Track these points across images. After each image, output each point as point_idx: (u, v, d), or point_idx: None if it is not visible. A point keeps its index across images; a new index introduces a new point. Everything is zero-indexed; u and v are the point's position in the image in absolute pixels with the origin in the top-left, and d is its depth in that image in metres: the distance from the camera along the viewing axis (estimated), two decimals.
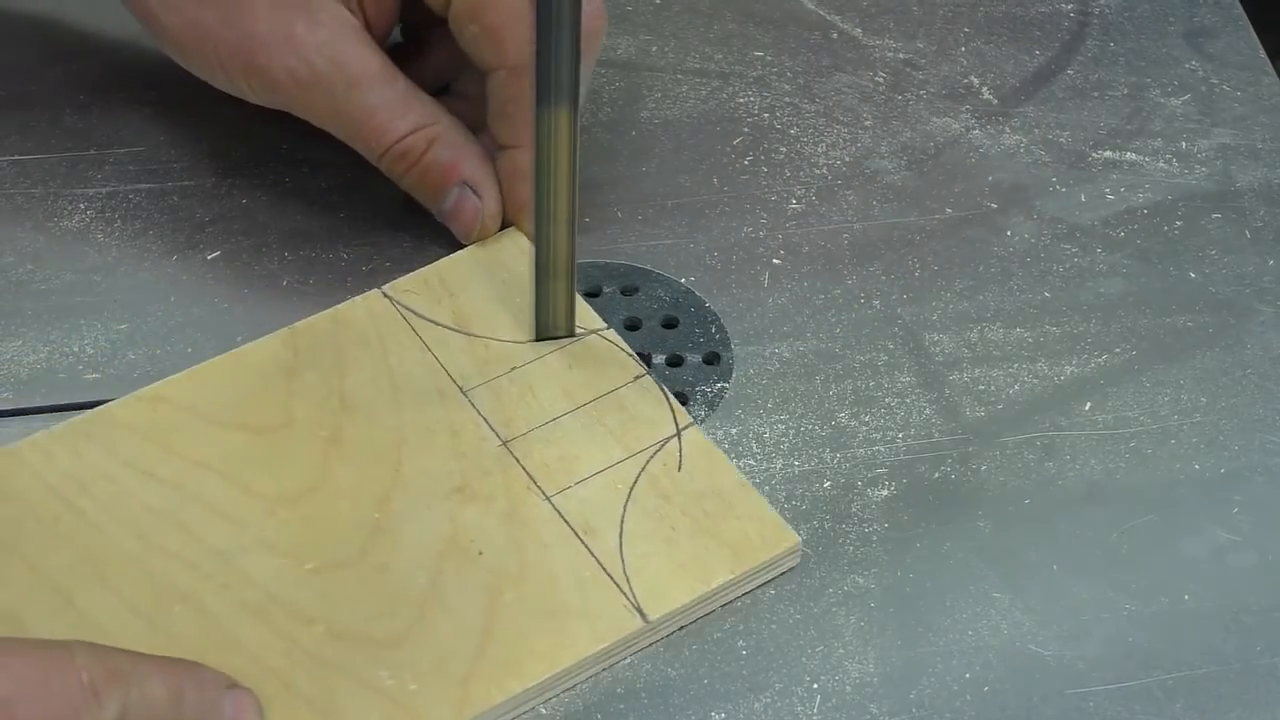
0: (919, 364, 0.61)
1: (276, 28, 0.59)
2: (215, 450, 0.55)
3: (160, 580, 0.51)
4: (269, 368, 0.57)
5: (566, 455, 0.55)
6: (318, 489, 0.54)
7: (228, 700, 0.48)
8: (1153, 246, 0.65)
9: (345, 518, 0.53)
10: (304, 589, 0.51)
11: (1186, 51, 0.73)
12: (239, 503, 0.53)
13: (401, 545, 0.52)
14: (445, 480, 0.54)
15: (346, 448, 0.55)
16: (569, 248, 0.57)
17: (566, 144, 0.55)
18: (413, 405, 0.56)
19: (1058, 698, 0.51)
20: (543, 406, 0.57)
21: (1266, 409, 0.59)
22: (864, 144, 0.69)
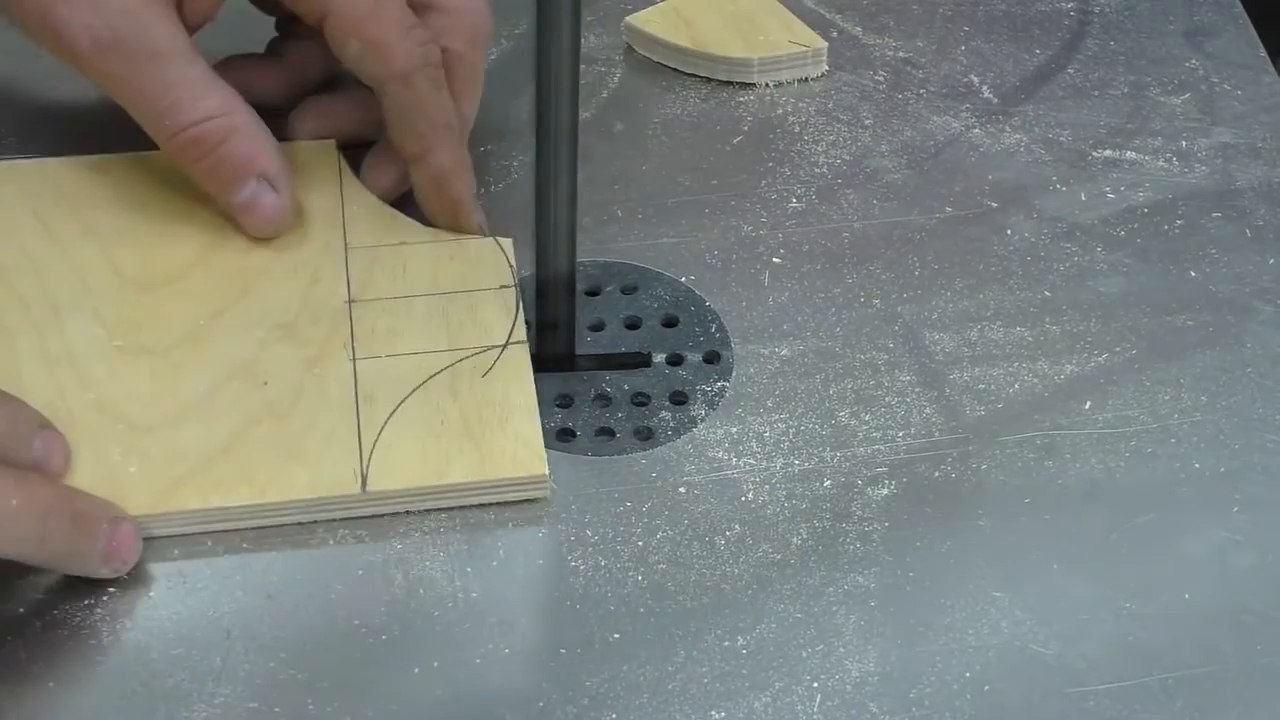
0: (919, 363, 0.61)
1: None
2: (111, 222, 0.61)
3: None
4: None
5: (395, 330, 0.58)
6: (170, 285, 0.59)
7: (38, 437, 0.51)
8: (1153, 245, 0.65)
9: (175, 316, 0.58)
10: (100, 360, 0.56)
11: (1187, 50, 0.73)
12: (98, 271, 0.59)
13: (204, 354, 0.57)
14: (279, 314, 0.58)
15: (215, 259, 0.60)
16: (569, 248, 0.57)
17: (567, 142, 0.55)
18: (296, 242, 0.60)
19: (1058, 697, 0.51)
20: (404, 283, 0.59)
21: (1266, 408, 0.59)
22: (864, 143, 0.69)
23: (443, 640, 0.52)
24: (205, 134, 0.58)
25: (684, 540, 0.55)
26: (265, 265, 0.60)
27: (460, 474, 0.54)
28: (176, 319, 0.58)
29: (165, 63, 0.58)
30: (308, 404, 0.56)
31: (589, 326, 0.62)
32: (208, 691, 0.50)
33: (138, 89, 0.58)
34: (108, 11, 0.57)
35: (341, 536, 0.54)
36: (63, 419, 0.54)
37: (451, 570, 0.53)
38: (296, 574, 0.53)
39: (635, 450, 0.57)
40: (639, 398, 0.59)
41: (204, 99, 0.58)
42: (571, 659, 0.51)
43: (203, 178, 0.60)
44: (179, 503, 0.53)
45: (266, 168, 0.59)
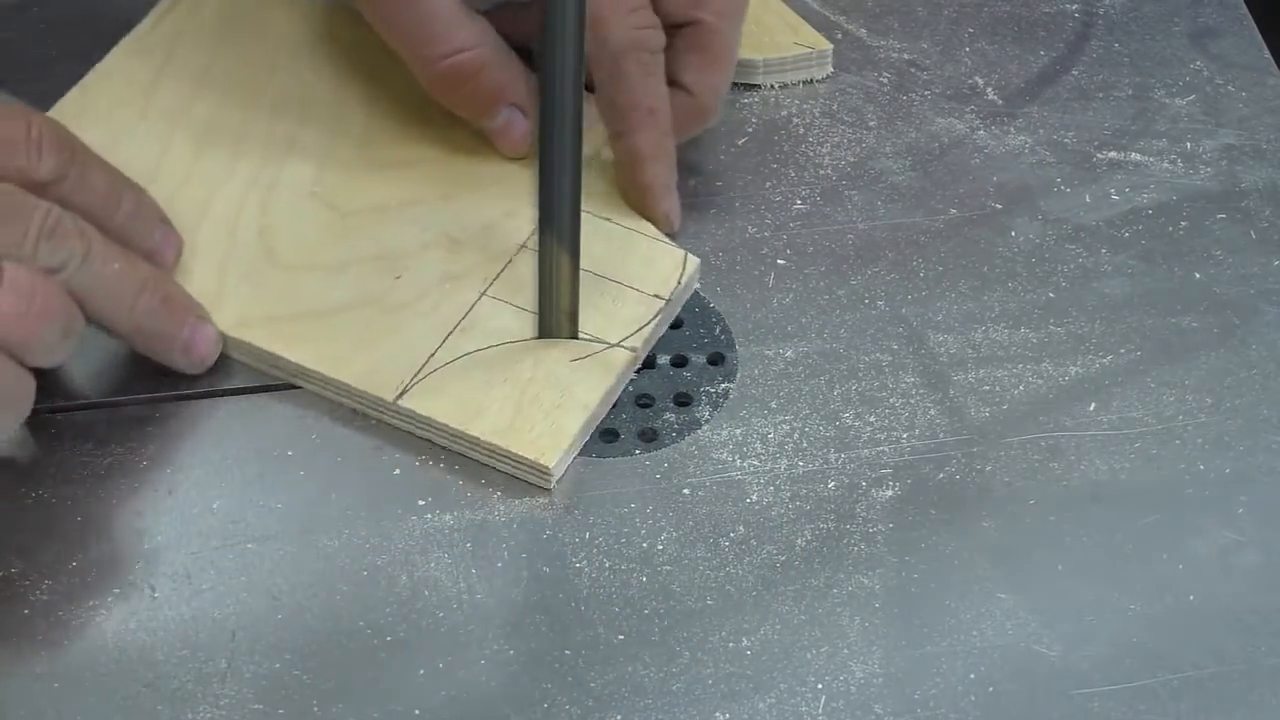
0: (923, 364, 0.61)
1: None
2: (376, 94, 0.65)
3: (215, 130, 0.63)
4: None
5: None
6: (393, 169, 0.63)
7: (158, 230, 0.55)
8: (1157, 247, 0.65)
9: (376, 190, 0.62)
10: (291, 196, 0.61)
11: (1191, 52, 0.73)
12: (347, 135, 0.64)
13: (372, 230, 0.61)
14: (457, 229, 0.61)
15: (444, 159, 0.63)
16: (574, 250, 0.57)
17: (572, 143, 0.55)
18: (516, 174, 0.63)
19: (1062, 698, 0.51)
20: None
21: (1271, 409, 0.59)
22: (869, 144, 0.69)
23: (447, 641, 0.52)
24: (460, 65, 0.60)
25: (688, 542, 0.55)
26: (477, 181, 0.62)
27: (480, 430, 0.56)
28: (375, 193, 0.61)
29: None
30: (417, 310, 0.58)
31: None
32: (212, 693, 0.50)
33: (396, 22, 0.60)
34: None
35: (347, 538, 0.54)
36: (224, 226, 0.60)
37: (456, 572, 0.53)
38: (301, 575, 0.53)
39: (639, 452, 0.57)
40: (643, 399, 0.59)
41: (458, 31, 0.60)
42: (576, 660, 0.51)
43: (458, 105, 0.62)
44: (250, 335, 0.57)
45: (518, 97, 0.61)
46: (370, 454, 0.57)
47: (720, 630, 0.52)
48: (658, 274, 0.61)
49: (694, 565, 0.54)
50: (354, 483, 0.56)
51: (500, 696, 0.51)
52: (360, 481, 0.56)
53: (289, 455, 0.57)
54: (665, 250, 0.62)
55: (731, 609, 0.53)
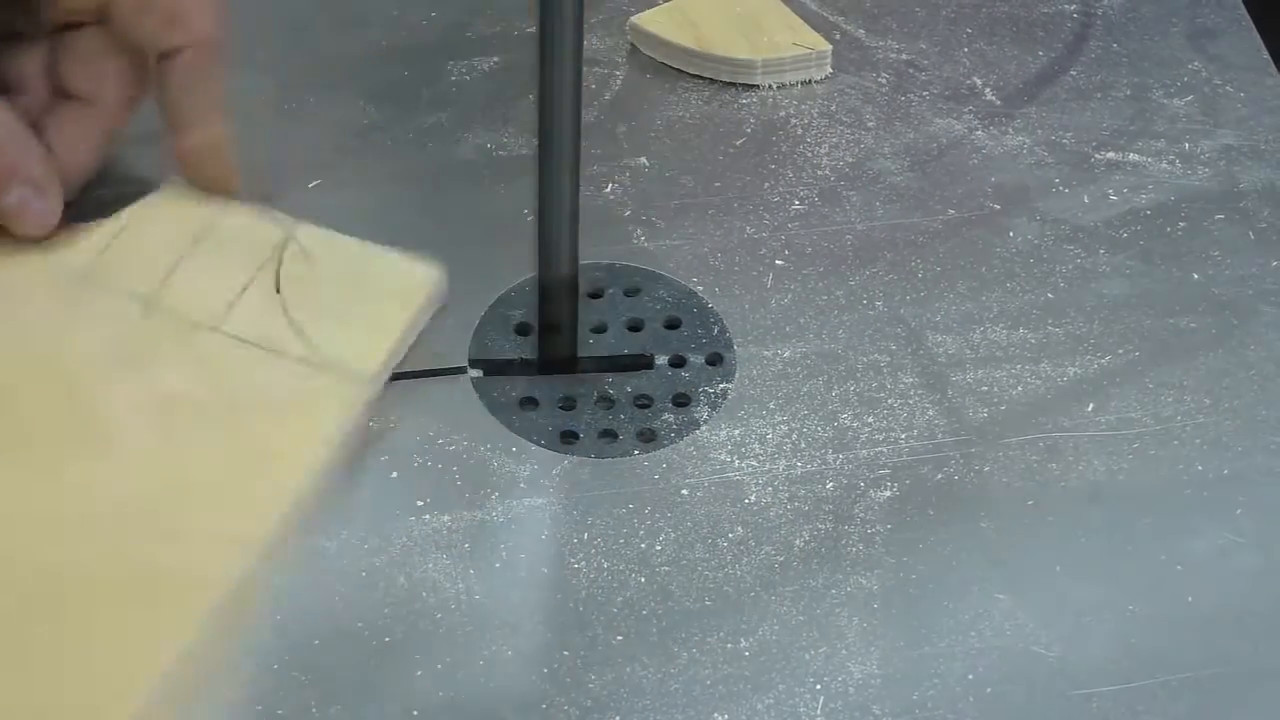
0: (922, 365, 0.61)
1: None
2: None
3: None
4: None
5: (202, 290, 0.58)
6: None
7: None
8: (1156, 247, 0.65)
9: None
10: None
11: (1189, 52, 0.73)
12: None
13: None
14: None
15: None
16: (571, 250, 0.57)
17: (569, 143, 0.55)
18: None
19: (1061, 699, 0.51)
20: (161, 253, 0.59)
21: (1270, 410, 0.59)
22: (867, 145, 0.69)
23: (446, 642, 0.52)
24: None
25: (686, 542, 0.55)
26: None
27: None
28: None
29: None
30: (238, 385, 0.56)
31: (591, 329, 0.62)
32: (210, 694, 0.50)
33: None
34: None
35: (345, 539, 0.54)
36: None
37: (454, 572, 0.53)
38: (299, 576, 0.53)
39: (638, 452, 0.57)
40: (641, 400, 0.59)
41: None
42: (574, 661, 0.51)
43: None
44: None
45: (30, 174, 0.58)
46: (368, 455, 0.57)
47: (719, 631, 0.52)
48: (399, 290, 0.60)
49: (692, 566, 0.54)
50: (352, 484, 0.56)
51: (498, 697, 0.51)
52: (358, 482, 0.56)
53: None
54: (408, 266, 0.60)
55: (730, 610, 0.53)
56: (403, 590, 0.53)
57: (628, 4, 0.75)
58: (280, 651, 0.51)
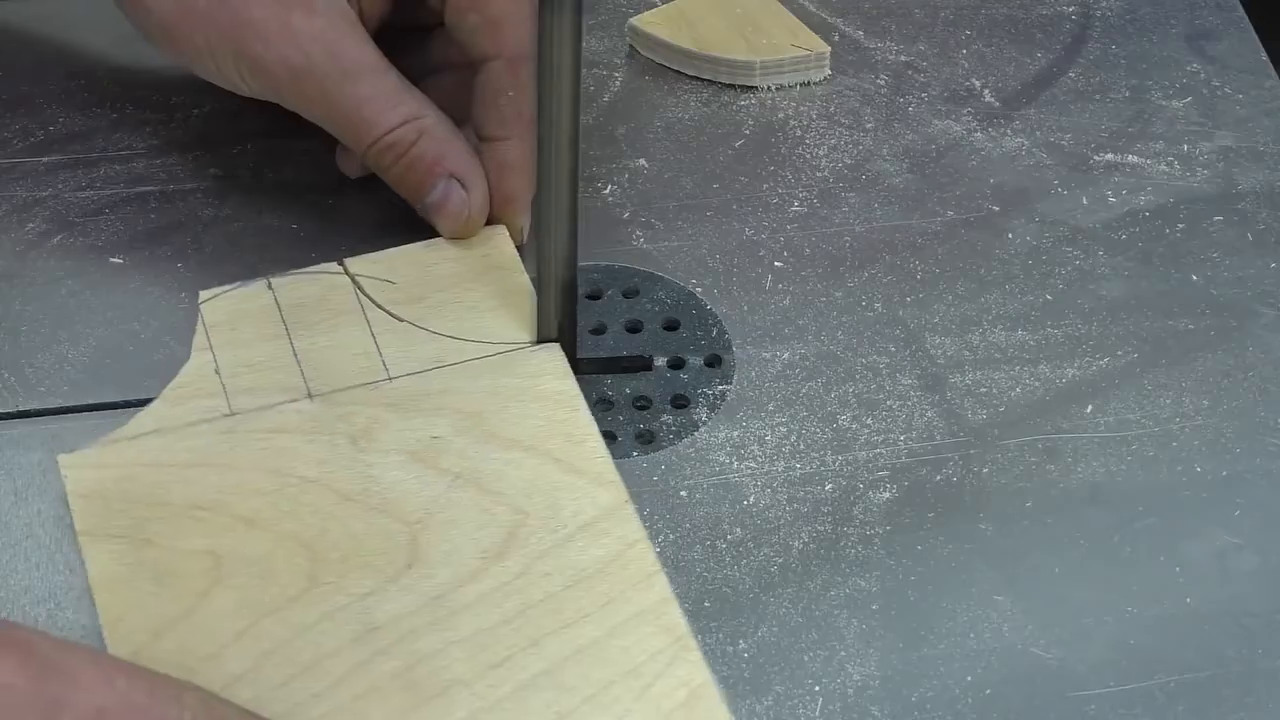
0: (921, 367, 0.61)
1: (272, 15, 0.58)
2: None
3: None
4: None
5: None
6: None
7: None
8: (1154, 249, 0.65)
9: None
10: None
11: (1188, 54, 0.73)
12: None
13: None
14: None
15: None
16: (570, 251, 0.57)
17: (568, 145, 0.54)
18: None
19: (1059, 701, 0.51)
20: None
21: (1268, 411, 0.59)
22: (866, 146, 0.69)
23: None
24: (398, 140, 0.60)
25: (685, 544, 0.55)
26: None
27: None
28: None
29: (358, 80, 0.59)
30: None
31: (590, 330, 0.62)
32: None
33: (334, 108, 0.60)
34: (301, 39, 0.59)
35: None
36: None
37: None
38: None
39: (636, 454, 0.57)
40: (640, 401, 0.59)
41: (395, 108, 0.60)
42: None
43: (397, 183, 0.61)
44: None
45: (455, 167, 0.60)
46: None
47: (717, 632, 0.52)
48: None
49: (691, 567, 0.54)
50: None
51: None
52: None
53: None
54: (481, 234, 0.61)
55: (728, 611, 0.53)
56: None
57: (626, 6, 0.75)
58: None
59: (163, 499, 0.53)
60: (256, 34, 0.59)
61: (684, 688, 0.49)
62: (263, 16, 0.59)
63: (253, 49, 0.59)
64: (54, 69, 0.70)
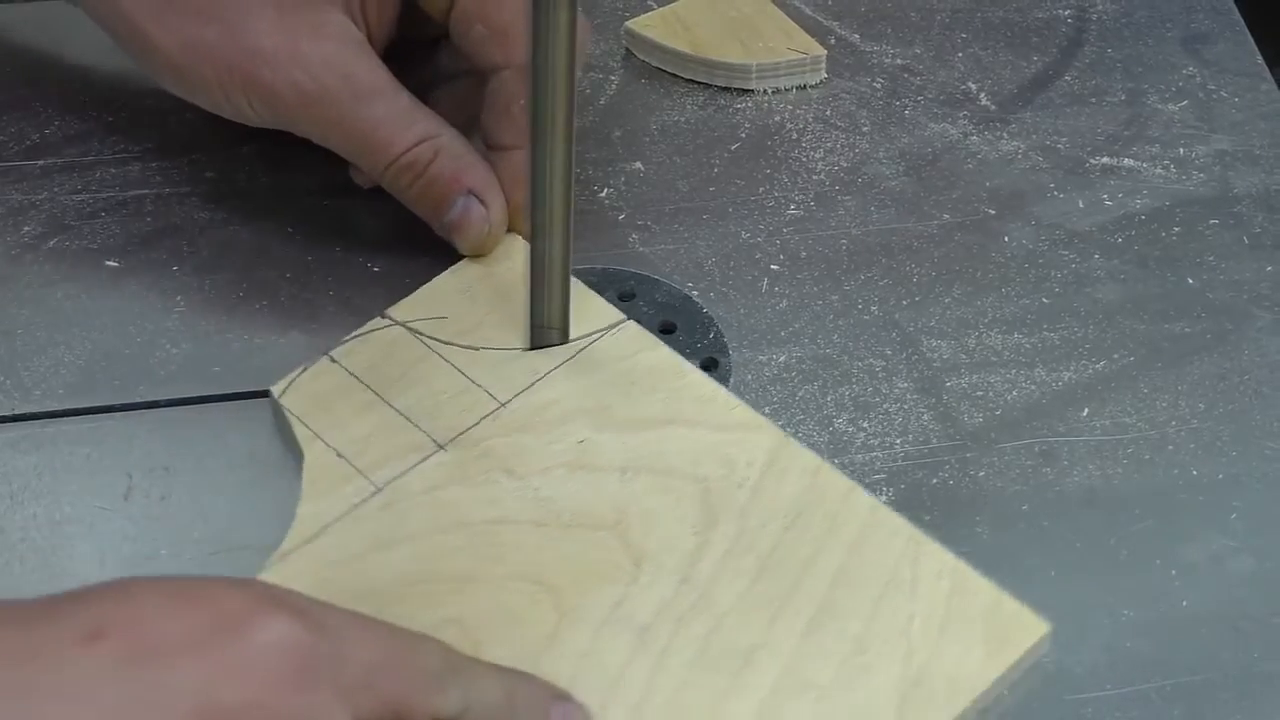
0: (917, 370, 0.60)
1: (282, 42, 0.58)
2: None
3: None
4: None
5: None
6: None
7: (556, 709, 0.48)
8: (1151, 252, 0.65)
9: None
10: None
11: (1184, 57, 0.73)
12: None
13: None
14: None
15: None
16: (564, 253, 0.57)
17: (563, 147, 0.54)
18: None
19: (1056, 703, 0.51)
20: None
21: (1264, 415, 0.59)
22: (862, 150, 0.69)
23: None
24: (415, 159, 0.59)
25: None
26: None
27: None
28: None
29: (371, 102, 0.59)
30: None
31: None
32: None
33: (348, 131, 0.59)
34: (311, 64, 0.58)
35: None
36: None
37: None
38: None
39: None
40: None
41: (410, 128, 0.59)
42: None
43: (416, 203, 0.61)
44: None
45: (473, 183, 0.60)
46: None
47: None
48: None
49: None
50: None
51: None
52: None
53: (286, 461, 0.57)
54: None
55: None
56: None
57: (623, 8, 0.75)
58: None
59: (370, 588, 0.51)
60: (266, 62, 0.58)
61: (943, 576, 0.52)
62: (272, 45, 0.58)
63: (263, 77, 0.58)
64: (49, 73, 0.70)
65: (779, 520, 0.53)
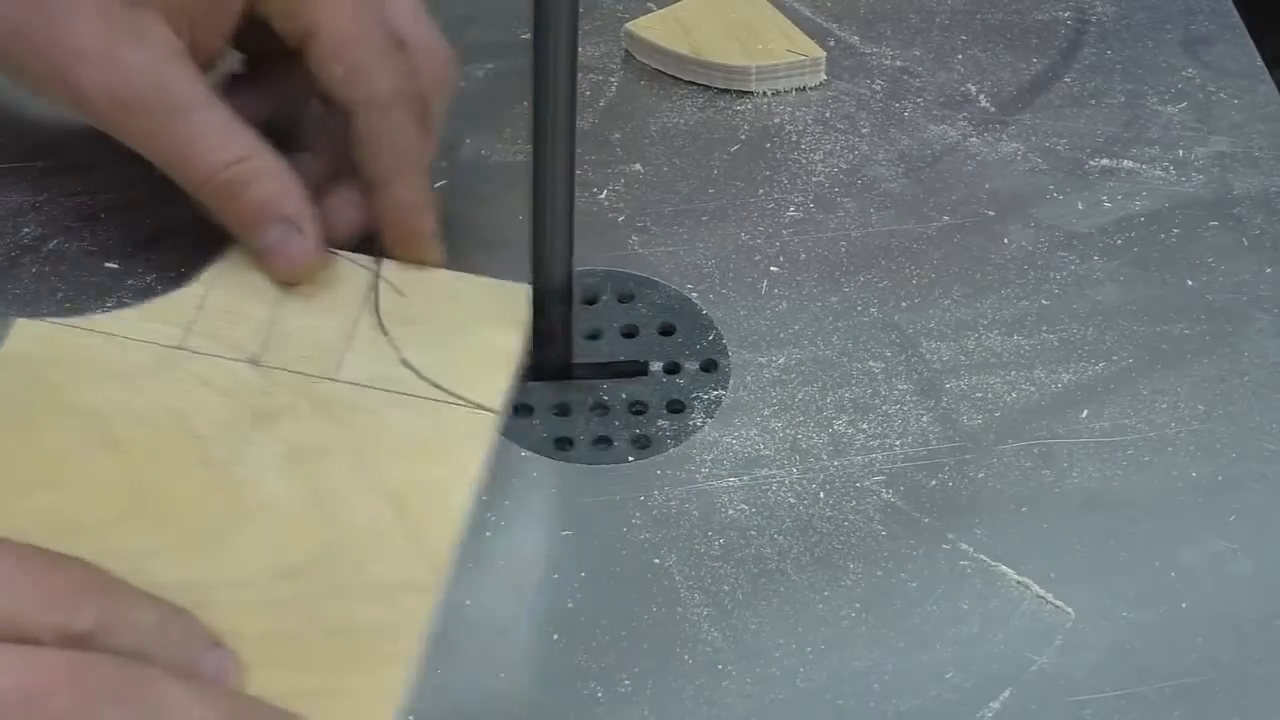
0: (916, 372, 0.61)
1: (100, 44, 0.56)
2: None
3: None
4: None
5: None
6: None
7: (211, 655, 0.47)
8: (1150, 254, 0.65)
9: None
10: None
11: (1183, 59, 0.74)
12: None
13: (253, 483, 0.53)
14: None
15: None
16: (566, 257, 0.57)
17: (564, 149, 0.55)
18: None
19: (1055, 705, 0.51)
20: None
21: (1263, 416, 0.59)
22: (862, 151, 0.69)
23: (439, 649, 0.52)
24: (230, 179, 0.58)
25: (681, 547, 0.55)
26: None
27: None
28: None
29: (187, 115, 0.57)
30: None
31: (586, 335, 0.62)
32: None
33: (162, 143, 0.58)
34: (125, 70, 0.57)
35: None
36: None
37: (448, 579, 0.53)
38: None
39: (632, 459, 0.57)
40: (636, 406, 0.59)
41: (227, 145, 0.58)
42: (568, 667, 0.51)
43: (230, 223, 0.59)
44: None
45: (290, 211, 0.58)
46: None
47: (716, 634, 0.52)
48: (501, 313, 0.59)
49: (685, 571, 0.54)
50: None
51: (492, 704, 0.51)
52: None
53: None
54: (499, 288, 0.59)
55: (722, 615, 0.53)
56: None
57: (622, 10, 0.75)
58: None
59: (62, 393, 0.54)
60: (82, 60, 0.56)
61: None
62: (91, 46, 0.56)
63: (77, 77, 0.57)
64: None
65: (323, 625, 0.50)
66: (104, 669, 0.43)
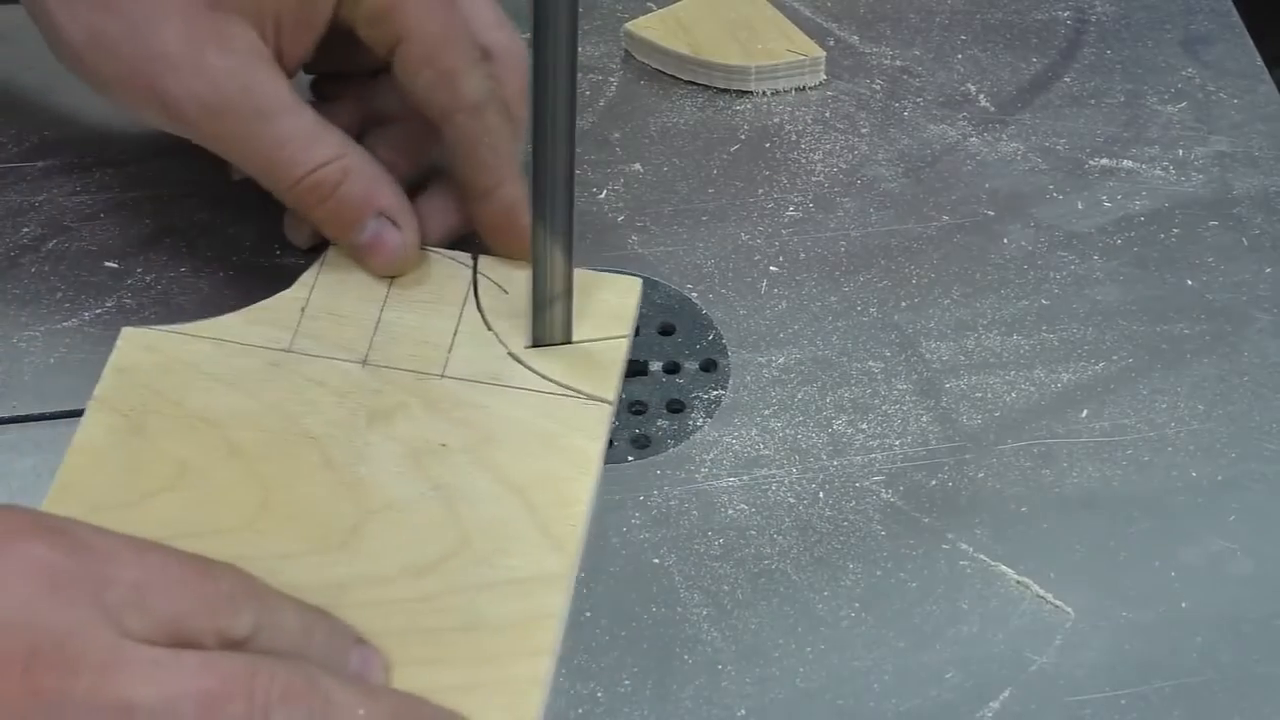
0: (916, 371, 0.61)
1: (186, 50, 0.56)
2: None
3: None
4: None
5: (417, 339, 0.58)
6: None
7: (355, 652, 0.48)
8: (1150, 254, 0.65)
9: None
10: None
11: (1183, 59, 0.74)
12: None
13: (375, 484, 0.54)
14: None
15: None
16: (566, 256, 0.57)
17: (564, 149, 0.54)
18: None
19: (1055, 705, 0.51)
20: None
21: (1263, 416, 0.59)
22: (861, 151, 0.69)
23: None
24: (322, 179, 0.58)
25: (679, 547, 0.55)
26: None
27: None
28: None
29: (275, 118, 0.57)
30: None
31: None
32: None
33: (251, 148, 0.58)
34: (214, 76, 0.56)
35: None
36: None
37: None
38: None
39: (632, 458, 0.57)
40: (636, 406, 0.59)
41: (317, 147, 0.58)
42: (567, 668, 0.51)
43: (324, 223, 0.59)
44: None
45: (385, 204, 0.59)
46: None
47: (713, 635, 0.52)
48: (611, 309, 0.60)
49: (685, 571, 0.54)
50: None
51: None
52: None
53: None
54: (608, 280, 0.61)
55: (722, 615, 0.53)
56: None
57: (622, 10, 0.75)
58: None
59: (179, 400, 0.55)
60: (170, 68, 0.56)
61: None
62: (177, 51, 0.56)
63: (164, 83, 0.56)
64: (48, 74, 0.70)
65: (462, 618, 0.51)
66: (276, 672, 0.44)
